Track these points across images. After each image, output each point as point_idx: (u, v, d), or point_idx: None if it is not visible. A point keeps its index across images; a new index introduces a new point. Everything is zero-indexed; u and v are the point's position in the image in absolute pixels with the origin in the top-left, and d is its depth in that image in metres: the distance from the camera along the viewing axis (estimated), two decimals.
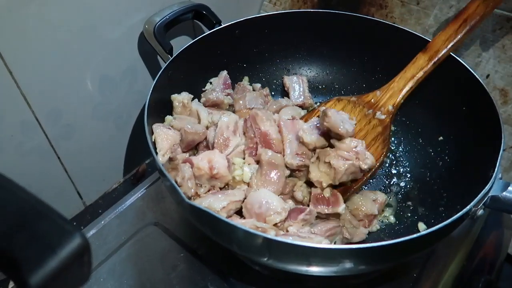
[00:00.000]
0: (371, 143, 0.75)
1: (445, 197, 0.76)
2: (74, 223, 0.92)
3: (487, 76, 0.92)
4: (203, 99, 0.88)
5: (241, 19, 0.92)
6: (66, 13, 0.73)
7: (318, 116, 0.72)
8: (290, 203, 0.73)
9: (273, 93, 1.01)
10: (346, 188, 0.72)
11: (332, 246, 0.60)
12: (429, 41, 0.85)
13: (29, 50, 0.70)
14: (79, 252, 0.34)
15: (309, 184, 0.75)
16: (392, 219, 0.80)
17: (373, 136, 0.75)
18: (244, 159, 0.77)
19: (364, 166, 0.67)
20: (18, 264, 0.32)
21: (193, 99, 0.85)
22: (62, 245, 0.34)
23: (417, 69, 0.75)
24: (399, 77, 0.78)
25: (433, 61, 0.74)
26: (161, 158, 0.69)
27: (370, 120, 0.77)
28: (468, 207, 0.56)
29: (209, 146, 0.78)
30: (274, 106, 0.91)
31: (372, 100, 0.77)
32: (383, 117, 0.75)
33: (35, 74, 0.73)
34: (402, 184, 0.85)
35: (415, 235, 0.54)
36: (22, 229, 0.33)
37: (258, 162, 0.75)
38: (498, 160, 0.62)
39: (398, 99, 0.76)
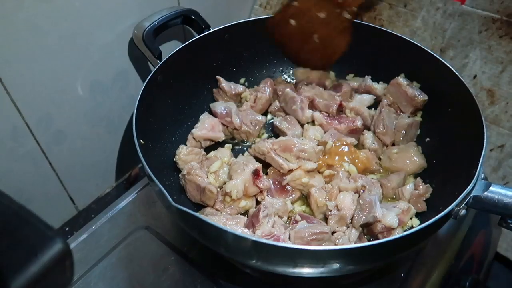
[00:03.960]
0: (339, 34, 0.90)
1: (430, 197, 0.76)
2: (67, 228, 0.93)
3: (474, 76, 0.93)
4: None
5: (230, 24, 0.93)
6: (56, 19, 0.74)
7: None
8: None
9: None
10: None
11: (317, 247, 0.60)
12: (416, 45, 0.86)
13: (18, 56, 0.71)
14: (60, 257, 0.35)
15: None
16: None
17: (341, 29, 0.89)
18: None
19: None
20: (0, 270, 0.33)
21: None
22: (44, 251, 0.34)
23: None
24: None
25: None
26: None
27: (338, 16, 0.89)
28: (450, 207, 0.57)
29: None
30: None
31: (340, 0, 0.88)
32: (349, 16, 0.88)
33: (25, 80, 0.74)
34: None
35: (397, 236, 0.55)
36: (4, 235, 0.34)
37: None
38: (481, 161, 0.63)
39: (359, 1, 0.87)
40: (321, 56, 0.92)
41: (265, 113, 0.98)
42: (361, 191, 0.74)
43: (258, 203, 0.78)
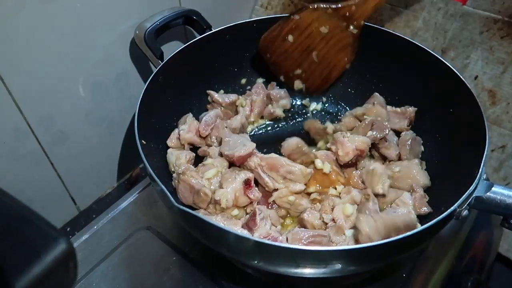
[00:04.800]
0: (341, 49, 0.86)
1: (431, 197, 0.76)
2: (68, 229, 0.93)
3: (476, 77, 0.93)
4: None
5: (231, 24, 0.93)
6: (57, 19, 0.74)
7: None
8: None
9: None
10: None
11: (319, 248, 0.60)
12: (417, 45, 0.86)
13: (20, 56, 0.71)
14: (64, 257, 0.35)
15: None
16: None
17: (344, 44, 0.85)
18: None
19: None
20: (3, 270, 0.33)
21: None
22: (47, 251, 0.34)
23: None
24: None
25: None
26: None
27: (343, 30, 0.84)
28: (452, 208, 0.57)
29: None
30: None
31: (347, 14, 0.83)
32: (355, 31, 0.84)
33: (27, 81, 0.74)
34: None
35: (400, 236, 0.54)
36: (7, 235, 0.34)
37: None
38: (483, 161, 0.63)
39: (368, 13, 0.83)
40: (318, 76, 0.87)
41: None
42: (365, 199, 0.71)
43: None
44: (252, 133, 0.97)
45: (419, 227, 0.55)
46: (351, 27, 0.83)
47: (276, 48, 0.87)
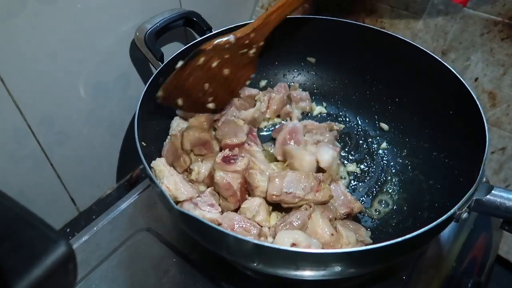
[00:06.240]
0: (244, 66, 0.87)
1: (431, 200, 0.76)
2: (68, 230, 0.93)
3: (476, 79, 0.93)
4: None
5: (231, 25, 0.92)
6: (58, 21, 0.74)
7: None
8: None
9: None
10: None
11: (319, 250, 0.60)
12: (417, 47, 0.86)
13: (21, 57, 0.71)
14: (64, 260, 0.35)
15: None
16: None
17: (246, 62, 0.87)
18: None
19: None
20: (3, 273, 0.32)
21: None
22: (47, 254, 0.34)
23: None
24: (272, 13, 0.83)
25: None
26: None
27: (243, 54, 0.85)
28: (452, 210, 0.57)
29: None
30: None
31: (247, 42, 0.83)
32: (253, 54, 0.86)
33: (27, 82, 0.74)
34: (390, 187, 0.86)
35: (400, 239, 0.54)
36: (6, 238, 0.34)
37: None
38: (483, 164, 0.63)
39: (266, 35, 0.84)
40: (227, 94, 0.89)
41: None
42: None
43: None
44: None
45: (420, 230, 0.55)
46: (252, 52, 0.85)
47: (178, 92, 0.82)
